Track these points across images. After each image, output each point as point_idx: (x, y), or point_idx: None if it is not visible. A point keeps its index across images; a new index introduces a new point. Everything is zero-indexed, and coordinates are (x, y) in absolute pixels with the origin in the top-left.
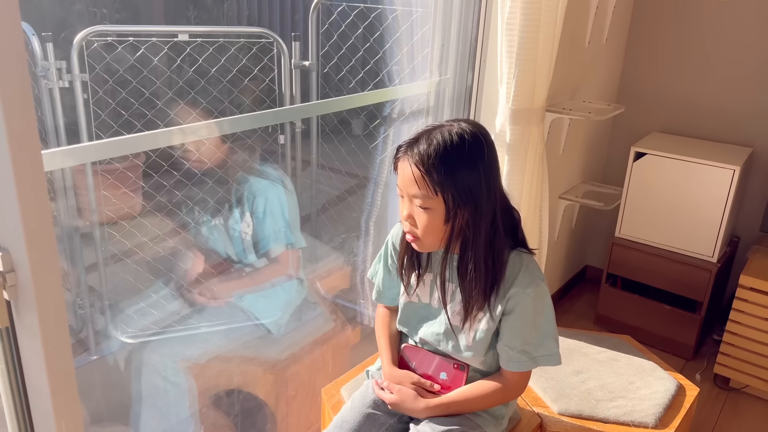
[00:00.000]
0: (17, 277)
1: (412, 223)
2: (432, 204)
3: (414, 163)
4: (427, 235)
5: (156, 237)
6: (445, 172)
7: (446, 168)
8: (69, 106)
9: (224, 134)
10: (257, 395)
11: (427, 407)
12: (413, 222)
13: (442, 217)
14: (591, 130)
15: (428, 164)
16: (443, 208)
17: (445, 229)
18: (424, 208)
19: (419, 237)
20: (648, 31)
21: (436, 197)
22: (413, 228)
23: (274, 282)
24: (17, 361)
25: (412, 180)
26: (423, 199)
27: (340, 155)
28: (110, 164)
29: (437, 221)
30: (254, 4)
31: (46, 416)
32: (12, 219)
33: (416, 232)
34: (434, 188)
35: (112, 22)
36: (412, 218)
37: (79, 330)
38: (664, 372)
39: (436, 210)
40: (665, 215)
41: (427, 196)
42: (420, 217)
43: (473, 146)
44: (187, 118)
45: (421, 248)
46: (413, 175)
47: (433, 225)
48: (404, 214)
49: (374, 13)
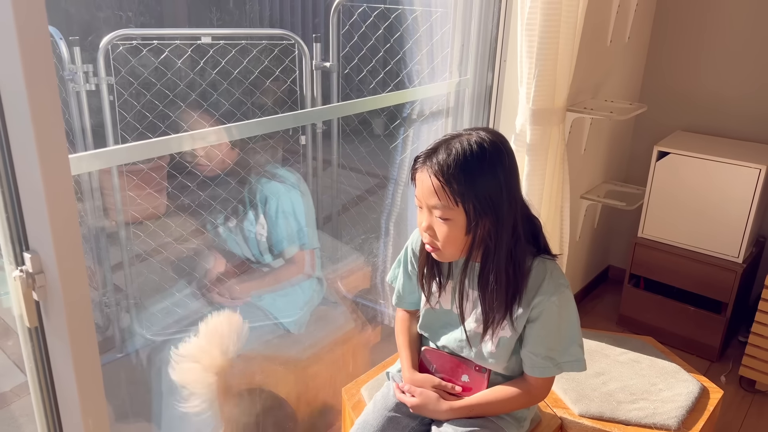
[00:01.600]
0: (46, 279)
1: (432, 234)
2: (452, 215)
3: (433, 173)
4: (447, 246)
5: (179, 237)
6: (465, 182)
7: (466, 177)
8: (95, 109)
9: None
10: (278, 394)
11: (450, 409)
12: (433, 233)
13: (463, 227)
14: (613, 129)
15: (448, 174)
16: (464, 218)
17: (467, 239)
18: (444, 219)
19: (439, 248)
20: (671, 28)
21: (456, 208)
22: (433, 239)
23: (292, 282)
24: (46, 360)
25: (432, 191)
26: (443, 210)
27: (360, 155)
28: (135, 165)
29: (458, 232)
30: (276, 7)
31: (73, 413)
32: (41, 223)
33: (436, 243)
34: (454, 199)
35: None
36: (432, 229)
37: (106, 328)
38: (688, 374)
39: (457, 221)
40: (689, 215)
41: (448, 206)
42: (440, 228)
43: (493, 155)
44: (209, 120)
45: (441, 258)
46: (433, 186)
47: (454, 236)
48: (423, 225)
49: (394, 14)
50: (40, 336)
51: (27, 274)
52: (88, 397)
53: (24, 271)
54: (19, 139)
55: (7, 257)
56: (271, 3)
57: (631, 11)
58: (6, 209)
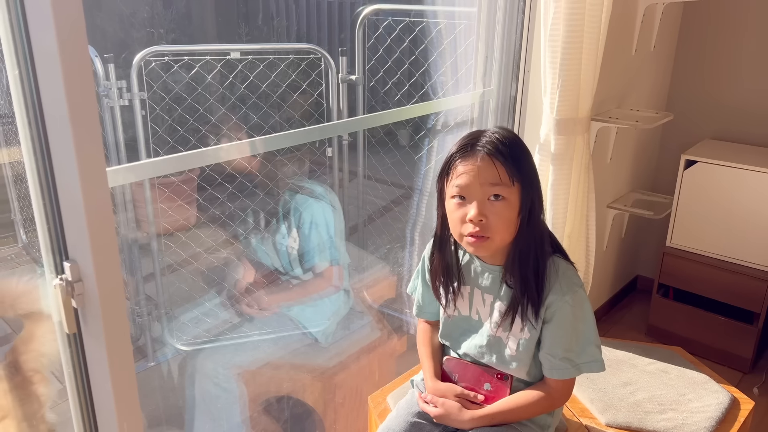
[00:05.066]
0: (84, 287)
1: (482, 222)
2: (508, 193)
3: (487, 153)
4: (499, 230)
5: (209, 248)
6: (517, 161)
7: (516, 158)
8: (128, 123)
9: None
10: (306, 402)
11: (473, 418)
12: (483, 221)
13: (516, 208)
14: (640, 138)
15: (505, 153)
16: (517, 198)
17: (516, 223)
18: (501, 198)
19: (488, 236)
20: (698, 37)
21: (512, 186)
22: (482, 229)
23: (321, 294)
24: (83, 366)
25: (491, 170)
26: (501, 187)
27: (386, 166)
28: (167, 178)
29: (512, 212)
30: (303, 21)
31: (108, 417)
32: (80, 233)
33: (486, 231)
34: (511, 177)
35: (169, 42)
36: (482, 216)
37: (138, 337)
38: (717, 385)
39: (511, 200)
40: (719, 224)
41: (507, 184)
42: (494, 210)
43: (524, 143)
44: (239, 133)
45: (486, 249)
46: (494, 164)
47: (508, 217)
48: (473, 214)
49: (419, 27)
50: (78, 342)
51: (66, 283)
52: (124, 400)
53: (64, 279)
54: (60, 155)
55: (48, 266)
56: (299, 18)
57: (656, 20)
58: (47, 221)
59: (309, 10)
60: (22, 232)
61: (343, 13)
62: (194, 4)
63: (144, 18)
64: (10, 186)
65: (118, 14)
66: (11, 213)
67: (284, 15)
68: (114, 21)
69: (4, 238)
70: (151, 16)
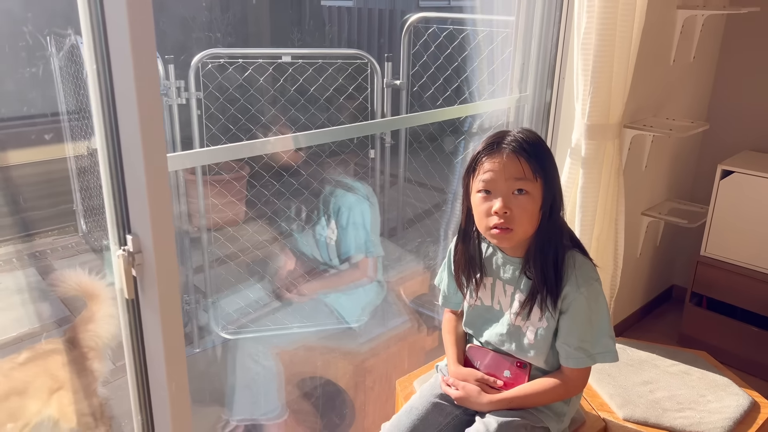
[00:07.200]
0: (143, 258)
1: (507, 215)
2: (532, 187)
3: (512, 150)
4: (522, 222)
5: (256, 242)
6: (541, 158)
7: (540, 155)
8: (184, 121)
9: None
10: (338, 383)
11: (491, 402)
12: (508, 214)
13: (538, 201)
14: (676, 147)
15: (529, 149)
16: (540, 192)
17: (538, 216)
18: (525, 191)
19: (512, 228)
20: (741, 48)
21: (536, 181)
22: (507, 221)
23: (357, 284)
24: (139, 329)
25: (516, 166)
26: (525, 182)
27: (426, 170)
28: (219, 175)
29: (534, 206)
30: (354, 28)
31: (159, 376)
32: (142, 209)
33: (510, 222)
34: (534, 173)
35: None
36: (507, 209)
37: (185, 325)
38: (739, 388)
39: (534, 194)
40: (754, 234)
41: (531, 179)
42: (518, 204)
43: (546, 144)
44: (287, 133)
45: (510, 241)
46: (518, 160)
47: (531, 210)
48: (498, 206)
49: (462, 35)
50: (135, 308)
51: (128, 253)
52: (173, 362)
53: (126, 250)
54: (128, 141)
55: (113, 239)
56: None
57: (697, 31)
58: (114, 198)
59: (360, 17)
60: (82, 221)
61: (392, 21)
62: (250, 10)
63: (203, 22)
64: (74, 178)
65: (180, 18)
66: (73, 204)
67: (336, 21)
68: (175, 24)
69: (66, 227)
70: (209, 21)
